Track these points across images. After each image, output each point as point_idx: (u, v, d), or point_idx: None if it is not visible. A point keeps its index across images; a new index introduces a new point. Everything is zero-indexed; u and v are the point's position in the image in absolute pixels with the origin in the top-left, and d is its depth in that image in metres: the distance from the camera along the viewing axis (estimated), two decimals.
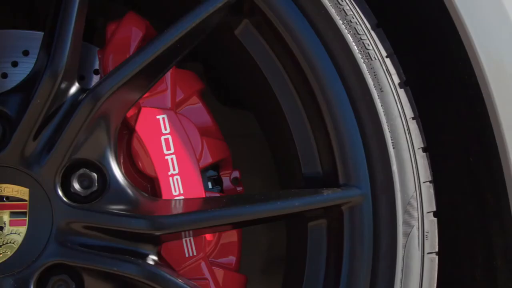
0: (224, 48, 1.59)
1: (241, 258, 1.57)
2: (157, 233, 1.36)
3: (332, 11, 1.43)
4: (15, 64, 1.55)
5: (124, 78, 1.37)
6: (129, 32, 1.49)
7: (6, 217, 1.36)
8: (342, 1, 1.44)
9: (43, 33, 1.57)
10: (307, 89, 1.46)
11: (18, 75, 1.55)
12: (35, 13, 2.12)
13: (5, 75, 1.54)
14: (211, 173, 1.55)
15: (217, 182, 1.57)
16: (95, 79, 1.60)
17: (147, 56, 1.38)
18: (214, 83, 1.95)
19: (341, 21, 1.43)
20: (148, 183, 1.48)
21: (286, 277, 1.68)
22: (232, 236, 1.51)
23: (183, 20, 1.40)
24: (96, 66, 1.59)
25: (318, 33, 1.43)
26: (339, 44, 1.43)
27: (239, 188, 1.60)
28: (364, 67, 1.43)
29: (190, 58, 1.71)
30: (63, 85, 1.37)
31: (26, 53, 1.55)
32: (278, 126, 1.56)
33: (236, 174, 1.60)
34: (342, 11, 1.44)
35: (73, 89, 1.40)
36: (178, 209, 1.40)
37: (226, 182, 1.58)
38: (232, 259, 1.51)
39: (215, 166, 1.55)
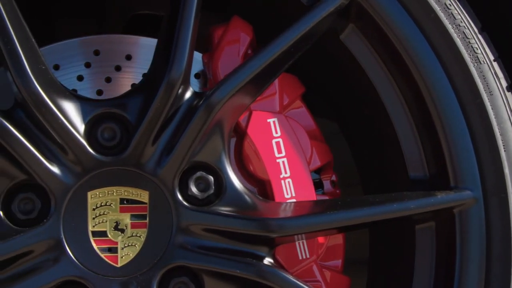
0: (326, 53, 1.62)
1: None
2: (276, 235, 1.39)
3: (441, 15, 1.47)
4: (118, 69, 1.58)
5: (240, 83, 1.41)
6: (237, 36, 1.53)
7: (127, 220, 1.40)
8: (451, 5, 1.48)
9: (145, 38, 1.61)
10: (415, 93, 1.50)
11: (121, 79, 1.59)
12: (107, 19, 2.16)
13: (109, 79, 1.57)
14: (314, 176, 1.58)
15: (319, 185, 1.60)
16: (195, 83, 1.63)
17: (262, 61, 1.43)
18: None
19: (450, 25, 1.47)
20: (257, 186, 1.52)
21: (378, 278, 1.71)
22: (338, 238, 1.55)
23: (297, 25, 1.44)
24: (196, 70, 1.62)
25: (427, 38, 1.47)
26: (449, 48, 1.47)
27: (337, 191, 1.63)
28: (474, 70, 1.46)
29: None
30: (180, 90, 1.40)
31: (129, 57, 1.58)
32: (381, 130, 1.59)
33: (333, 177, 1.64)
34: (451, 15, 1.47)
35: (188, 93, 1.43)
36: (293, 211, 1.43)
37: (327, 185, 1.61)
38: (338, 261, 1.54)
39: (317, 169, 1.58)
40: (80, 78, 1.56)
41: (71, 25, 2.19)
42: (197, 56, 1.59)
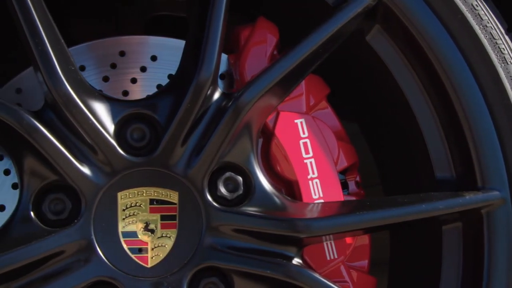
0: (350, 54, 1.63)
1: None
2: (305, 235, 1.40)
3: (468, 16, 1.48)
4: (143, 69, 1.59)
5: (269, 84, 1.41)
6: (264, 37, 1.54)
7: (157, 221, 1.40)
8: (477, 6, 1.49)
9: (170, 38, 1.61)
10: (441, 94, 1.51)
11: (147, 80, 1.59)
12: (124, 20, 2.16)
13: (134, 80, 1.58)
14: (339, 177, 1.58)
15: (344, 185, 1.60)
16: (219, 84, 1.63)
17: (291, 62, 1.43)
18: None
19: (477, 26, 1.47)
20: (284, 186, 1.52)
21: (400, 278, 1.72)
22: (364, 239, 1.56)
23: (325, 25, 1.45)
24: (221, 71, 1.63)
25: (453, 38, 1.48)
26: (476, 49, 1.48)
27: (362, 192, 1.64)
28: (501, 71, 1.47)
29: None
30: (209, 91, 1.41)
31: (154, 58, 1.59)
32: (405, 131, 1.60)
33: (358, 177, 1.64)
34: (478, 16, 1.48)
35: (217, 94, 1.44)
36: (322, 212, 1.43)
37: (351, 185, 1.61)
38: (364, 261, 1.55)
39: (343, 170, 1.58)
40: (105, 79, 1.56)
41: (87, 26, 2.20)
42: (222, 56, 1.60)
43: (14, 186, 1.50)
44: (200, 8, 1.46)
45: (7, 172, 1.51)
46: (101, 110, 1.42)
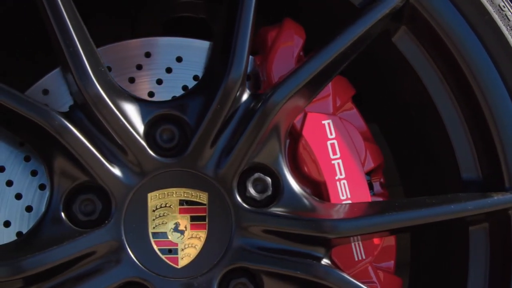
0: (375, 55, 1.63)
1: None
2: (335, 236, 1.40)
3: (496, 17, 1.48)
4: (169, 71, 1.59)
5: (298, 85, 1.42)
6: (291, 39, 1.54)
7: (186, 221, 1.41)
8: (504, 7, 1.49)
9: (195, 40, 1.61)
10: (468, 94, 1.51)
11: (172, 81, 1.59)
12: (141, 22, 2.17)
13: (160, 81, 1.58)
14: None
15: (369, 186, 1.61)
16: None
17: (320, 63, 1.44)
18: None
19: (504, 27, 1.48)
20: (310, 187, 1.52)
21: (423, 279, 1.72)
22: (390, 239, 1.56)
23: (354, 26, 1.45)
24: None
25: (480, 39, 1.49)
26: (503, 49, 1.49)
27: (386, 193, 1.64)
28: None
29: None
30: (238, 92, 1.41)
31: (179, 59, 1.59)
32: (429, 132, 1.60)
33: (382, 178, 1.65)
34: (505, 17, 1.49)
35: (245, 95, 1.44)
36: (350, 212, 1.44)
37: (376, 186, 1.62)
38: (391, 262, 1.55)
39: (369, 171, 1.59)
40: (131, 80, 1.56)
41: (102, 27, 2.20)
42: None
43: (41, 187, 1.50)
44: (228, 10, 1.47)
45: (34, 173, 1.51)
46: (131, 111, 1.43)
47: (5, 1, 1.55)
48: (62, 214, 1.40)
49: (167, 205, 1.42)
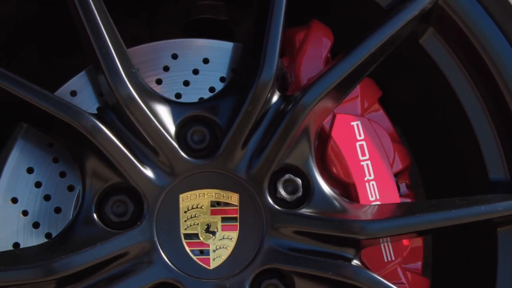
0: (401, 57, 1.64)
1: None
2: (367, 237, 1.41)
3: None
4: (196, 72, 1.59)
5: (329, 86, 1.43)
6: (319, 40, 1.55)
7: (218, 222, 1.41)
8: None
9: (222, 41, 1.62)
10: (497, 96, 1.52)
11: (199, 82, 1.59)
12: (155, 24, 2.17)
13: (187, 83, 1.58)
14: None
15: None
16: None
17: (351, 64, 1.44)
18: None
19: None
20: (339, 188, 1.53)
21: (446, 281, 1.73)
22: (418, 241, 1.56)
23: (384, 28, 1.46)
24: None
25: (509, 40, 1.49)
26: None
27: (412, 194, 1.65)
28: None
29: None
30: (269, 93, 1.42)
31: (206, 61, 1.60)
32: (455, 133, 1.61)
33: (407, 180, 1.65)
34: None
35: (276, 96, 1.45)
36: (381, 213, 1.44)
37: (402, 187, 1.62)
38: (418, 263, 1.56)
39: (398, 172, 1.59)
40: (158, 81, 1.57)
41: (119, 27, 2.21)
42: None
43: (70, 188, 1.51)
44: (259, 12, 1.47)
45: (62, 175, 1.51)
46: (162, 112, 1.43)
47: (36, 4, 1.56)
48: (94, 215, 1.40)
49: (198, 206, 1.42)
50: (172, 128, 1.43)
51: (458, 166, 1.69)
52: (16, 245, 1.48)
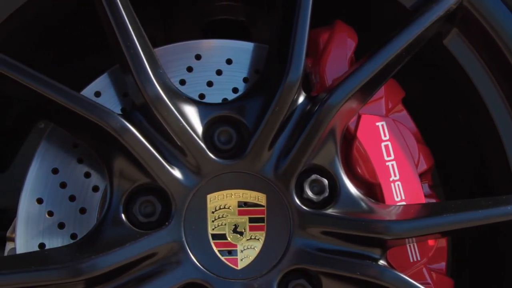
0: (425, 58, 1.64)
1: None
2: (394, 237, 1.41)
3: None
4: (219, 73, 1.59)
5: (356, 87, 1.43)
6: (344, 41, 1.55)
7: (246, 223, 1.41)
8: None
9: (244, 42, 1.62)
10: None
11: (222, 83, 1.60)
12: (171, 25, 2.17)
13: (210, 84, 1.58)
14: None
15: None
16: None
17: (377, 65, 1.45)
18: None
19: None
20: (363, 188, 1.53)
21: (466, 282, 1.73)
22: (442, 241, 1.57)
23: (409, 28, 1.46)
24: None
25: None
26: None
27: (434, 194, 1.65)
28: None
29: None
30: (296, 94, 1.42)
31: (229, 61, 1.60)
32: (480, 134, 1.61)
33: (430, 181, 1.65)
34: None
35: (302, 97, 1.45)
36: (408, 213, 1.45)
37: (425, 188, 1.63)
38: (443, 263, 1.56)
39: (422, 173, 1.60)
40: (182, 82, 1.57)
41: None
42: None
43: (95, 189, 1.51)
44: (284, 13, 1.47)
45: (87, 175, 1.51)
46: (189, 112, 1.44)
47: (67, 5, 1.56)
48: (123, 215, 1.40)
49: (226, 207, 1.42)
50: (199, 129, 1.43)
51: (481, 167, 1.69)
52: (41, 245, 1.48)
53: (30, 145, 2.10)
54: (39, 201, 1.50)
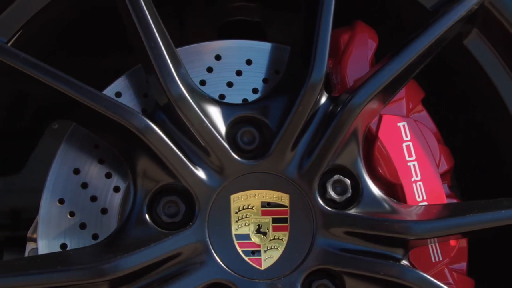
0: (445, 58, 1.64)
1: None
2: (417, 237, 1.41)
3: None
4: (239, 73, 1.60)
5: (379, 87, 1.43)
6: (365, 42, 1.56)
7: (269, 223, 1.41)
8: None
9: (264, 42, 1.62)
10: None
11: (242, 83, 1.60)
12: (187, 26, 2.17)
13: (230, 84, 1.58)
14: None
15: None
16: None
17: (400, 65, 1.45)
18: None
19: None
20: (384, 189, 1.53)
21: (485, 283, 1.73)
22: (462, 241, 1.57)
23: (431, 29, 1.47)
24: None
25: None
26: None
27: (453, 194, 1.65)
28: None
29: None
30: (319, 95, 1.42)
31: (249, 62, 1.60)
32: (499, 134, 1.62)
33: (449, 181, 1.65)
34: None
35: (324, 97, 1.45)
36: (430, 214, 1.45)
37: (445, 188, 1.62)
38: (463, 264, 1.56)
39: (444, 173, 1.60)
40: (202, 82, 1.57)
41: None
42: None
43: (116, 189, 1.51)
44: (307, 14, 1.48)
45: (108, 176, 1.52)
46: (213, 112, 1.44)
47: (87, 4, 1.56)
48: (147, 216, 1.40)
49: (249, 207, 1.43)
50: (222, 129, 1.44)
51: (499, 167, 1.69)
52: (63, 245, 1.48)
53: (44, 146, 2.10)
54: (61, 201, 1.50)
